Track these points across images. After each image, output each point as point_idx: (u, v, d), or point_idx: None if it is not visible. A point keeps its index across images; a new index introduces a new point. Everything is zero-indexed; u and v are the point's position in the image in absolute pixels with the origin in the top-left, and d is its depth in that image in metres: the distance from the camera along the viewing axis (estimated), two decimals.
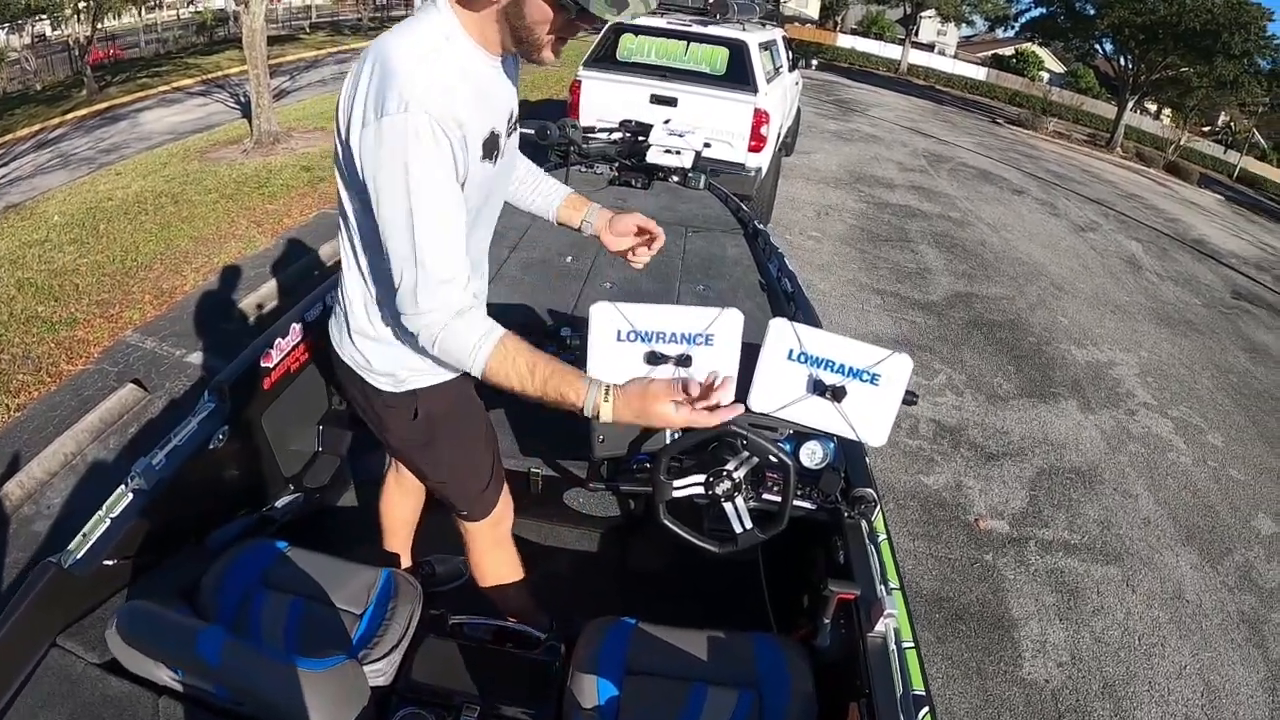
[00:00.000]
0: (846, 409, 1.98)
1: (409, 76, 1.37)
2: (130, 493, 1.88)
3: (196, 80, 15.58)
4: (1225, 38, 23.89)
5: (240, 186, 8.00)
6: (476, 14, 1.46)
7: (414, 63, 1.39)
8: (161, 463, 1.97)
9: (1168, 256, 12.49)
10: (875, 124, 19.45)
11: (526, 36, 1.47)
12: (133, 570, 1.90)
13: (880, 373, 1.95)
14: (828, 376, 1.97)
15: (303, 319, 2.56)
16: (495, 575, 2.09)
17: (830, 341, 1.97)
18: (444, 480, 1.96)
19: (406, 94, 1.35)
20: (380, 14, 32.16)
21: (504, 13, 1.44)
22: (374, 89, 1.39)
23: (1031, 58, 47.63)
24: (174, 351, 4.84)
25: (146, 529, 1.90)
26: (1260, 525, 5.11)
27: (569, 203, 2.16)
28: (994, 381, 6.21)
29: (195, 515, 2.15)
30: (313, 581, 1.89)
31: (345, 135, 1.46)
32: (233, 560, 1.90)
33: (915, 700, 1.64)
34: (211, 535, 2.17)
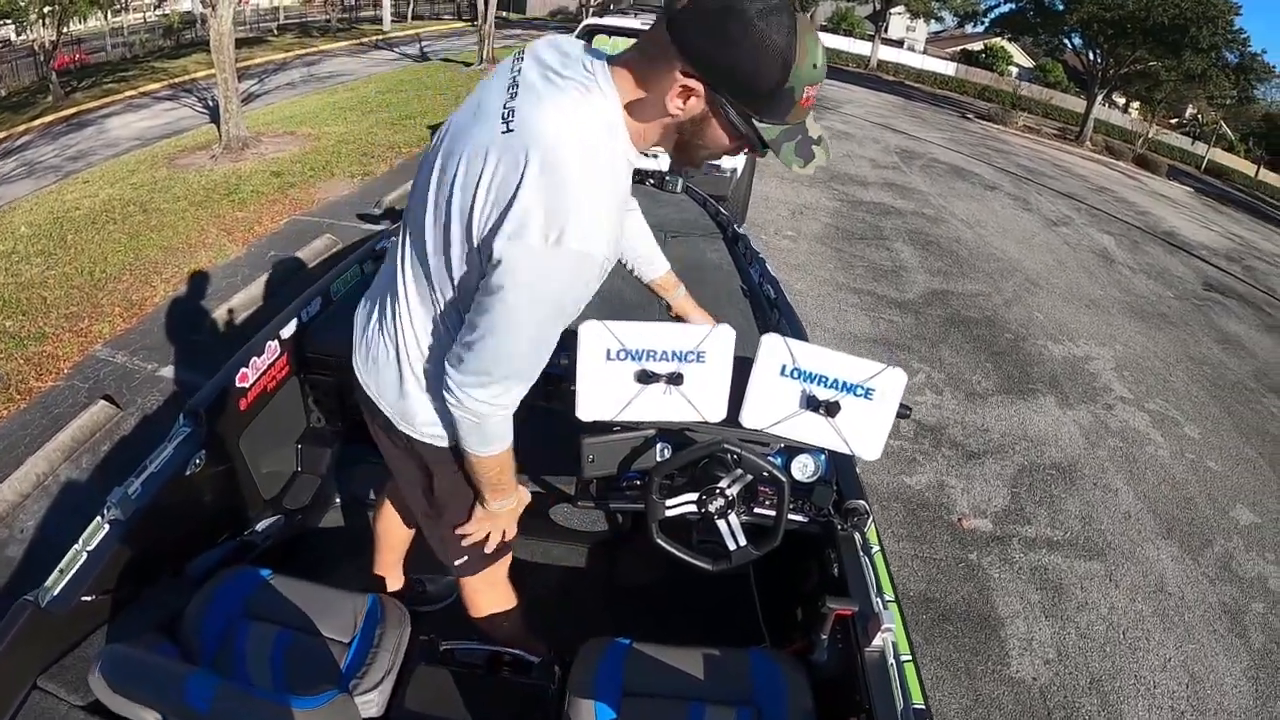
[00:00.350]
0: (840, 424, 1.96)
1: (591, 210, 1.29)
2: (106, 524, 1.84)
3: (164, 84, 15.38)
4: (1193, 32, 24.23)
5: (209, 194, 7.89)
6: (644, 113, 1.37)
7: (598, 189, 1.30)
8: (137, 491, 1.92)
9: (1139, 249, 12.62)
10: (847, 121, 19.51)
11: (691, 153, 1.43)
12: (112, 605, 1.85)
13: (874, 387, 1.94)
14: (821, 392, 1.95)
15: (277, 336, 2.51)
16: (489, 608, 2.04)
17: (823, 356, 1.96)
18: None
19: (590, 232, 1.28)
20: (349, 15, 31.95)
21: (677, 127, 1.38)
22: (546, 205, 1.27)
23: (1000, 53, 48.03)
24: (145, 365, 4.75)
25: (125, 561, 1.85)
26: (1239, 516, 5.15)
27: (663, 280, 2.27)
28: (973, 379, 6.23)
29: (174, 544, 2.10)
30: (297, 610, 1.84)
31: (481, 224, 1.34)
32: (214, 590, 1.85)
33: (916, 714, 1.63)
34: (191, 564, 2.12)
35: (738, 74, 1.25)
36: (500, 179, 1.30)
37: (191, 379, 4.61)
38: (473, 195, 1.34)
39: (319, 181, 8.50)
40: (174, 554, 2.10)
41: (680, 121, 1.35)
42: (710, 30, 1.23)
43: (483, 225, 1.33)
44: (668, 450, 2.10)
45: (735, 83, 1.26)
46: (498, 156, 1.31)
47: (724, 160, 7.32)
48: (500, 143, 1.32)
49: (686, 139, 1.39)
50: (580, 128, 1.31)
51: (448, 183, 1.40)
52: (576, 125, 1.30)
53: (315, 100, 13.36)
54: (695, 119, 1.34)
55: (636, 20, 7.74)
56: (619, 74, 1.36)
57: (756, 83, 1.26)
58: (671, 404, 2.02)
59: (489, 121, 1.36)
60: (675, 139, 1.40)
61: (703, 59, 1.25)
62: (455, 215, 1.38)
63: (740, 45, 1.22)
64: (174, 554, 2.10)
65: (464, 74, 16.90)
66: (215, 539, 2.30)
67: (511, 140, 1.30)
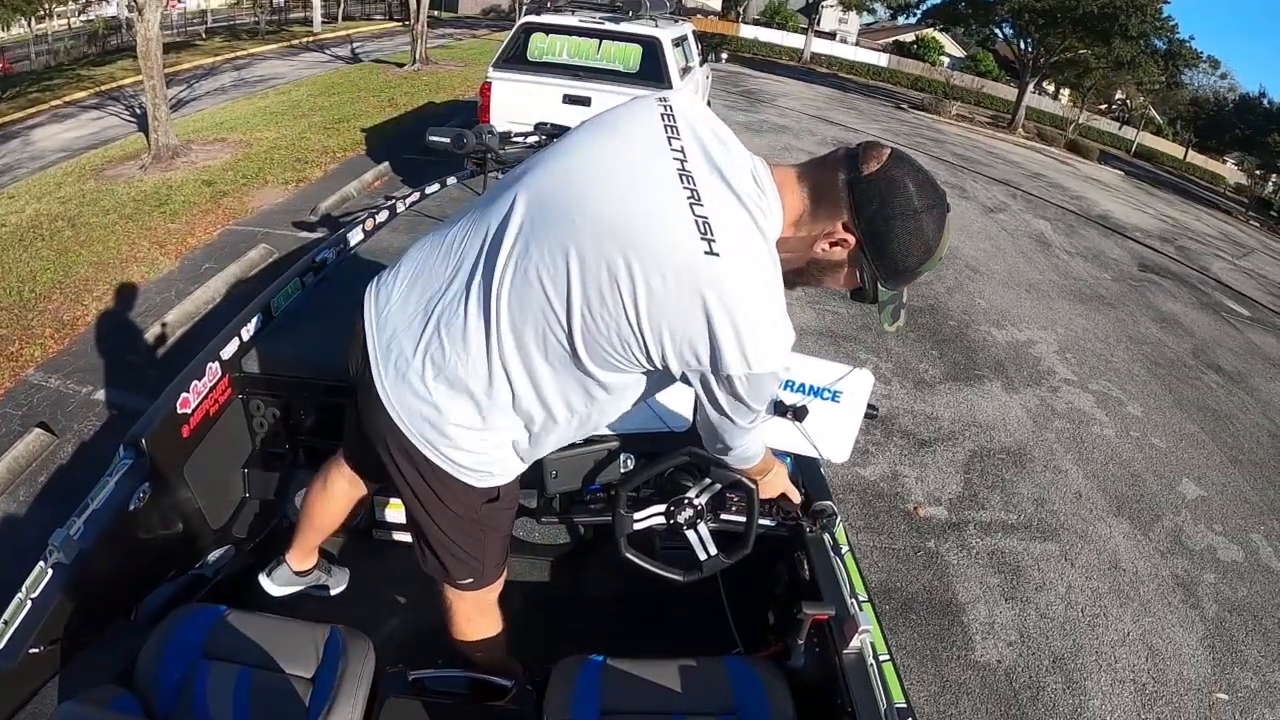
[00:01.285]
0: (808, 428, 1.95)
1: (772, 334, 1.36)
2: (50, 568, 1.74)
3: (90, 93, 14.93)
4: (1122, 20, 24.76)
5: (140, 206, 7.65)
6: (792, 236, 1.43)
7: (773, 310, 1.36)
8: (80, 531, 1.82)
9: (1075, 233, 12.87)
10: (783, 114, 19.62)
11: (807, 280, 1.51)
12: (62, 655, 1.76)
13: (841, 390, 1.93)
14: (788, 396, 1.94)
15: (218, 357, 2.39)
16: (476, 634, 1.97)
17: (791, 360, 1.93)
18: (477, 555, 1.79)
19: (776, 351, 1.37)
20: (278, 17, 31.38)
21: (819, 262, 1.46)
22: (729, 337, 1.32)
23: (932, 43, 48.77)
24: (80, 389, 4.59)
25: (72, 607, 1.76)
26: (1185, 490, 5.27)
27: None
28: (920, 368, 6.29)
29: (123, 584, 2.01)
30: (257, 647, 1.75)
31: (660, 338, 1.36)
32: (168, 633, 1.74)
33: (899, 713, 1.62)
34: (142, 605, 2.02)
35: (890, 248, 1.38)
36: (691, 308, 1.33)
37: (128, 402, 4.46)
38: (646, 308, 1.34)
39: (252, 189, 8.30)
40: (124, 595, 2.01)
41: (818, 259, 1.45)
42: (885, 205, 1.35)
43: (664, 342, 1.37)
44: (631, 462, 2.06)
45: (884, 254, 1.39)
46: (695, 281, 1.32)
47: None
48: (705, 267, 1.31)
49: (813, 271, 1.49)
50: (763, 261, 1.37)
51: (603, 268, 1.35)
52: (761, 259, 1.36)
53: (246, 105, 13.08)
54: (830, 263, 1.45)
55: (575, 18, 7.65)
56: (785, 195, 1.42)
57: (900, 260, 1.40)
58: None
59: (673, 221, 1.34)
60: (802, 268, 1.48)
61: (869, 225, 1.37)
62: (617, 310, 1.36)
63: (904, 228, 1.36)
64: (124, 595, 2.01)
65: (397, 75, 16.65)
66: (165, 575, 2.19)
67: (717, 267, 1.31)
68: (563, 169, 1.43)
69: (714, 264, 1.30)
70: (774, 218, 1.39)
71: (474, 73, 10.29)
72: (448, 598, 1.89)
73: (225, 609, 1.83)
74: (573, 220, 1.37)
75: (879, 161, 1.36)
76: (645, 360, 1.40)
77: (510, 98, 7.40)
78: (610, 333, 1.37)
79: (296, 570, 2.33)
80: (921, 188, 1.37)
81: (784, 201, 1.41)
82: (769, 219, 1.38)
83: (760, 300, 1.34)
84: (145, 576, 2.12)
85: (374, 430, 1.65)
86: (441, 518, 1.69)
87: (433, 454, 1.57)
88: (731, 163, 1.40)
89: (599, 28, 7.53)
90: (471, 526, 1.71)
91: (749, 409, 1.45)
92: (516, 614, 1.97)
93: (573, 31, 7.55)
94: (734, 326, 1.31)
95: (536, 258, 1.39)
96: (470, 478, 1.60)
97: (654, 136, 1.40)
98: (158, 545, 2.19)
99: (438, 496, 1.64)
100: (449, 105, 13.61)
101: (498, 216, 1.47)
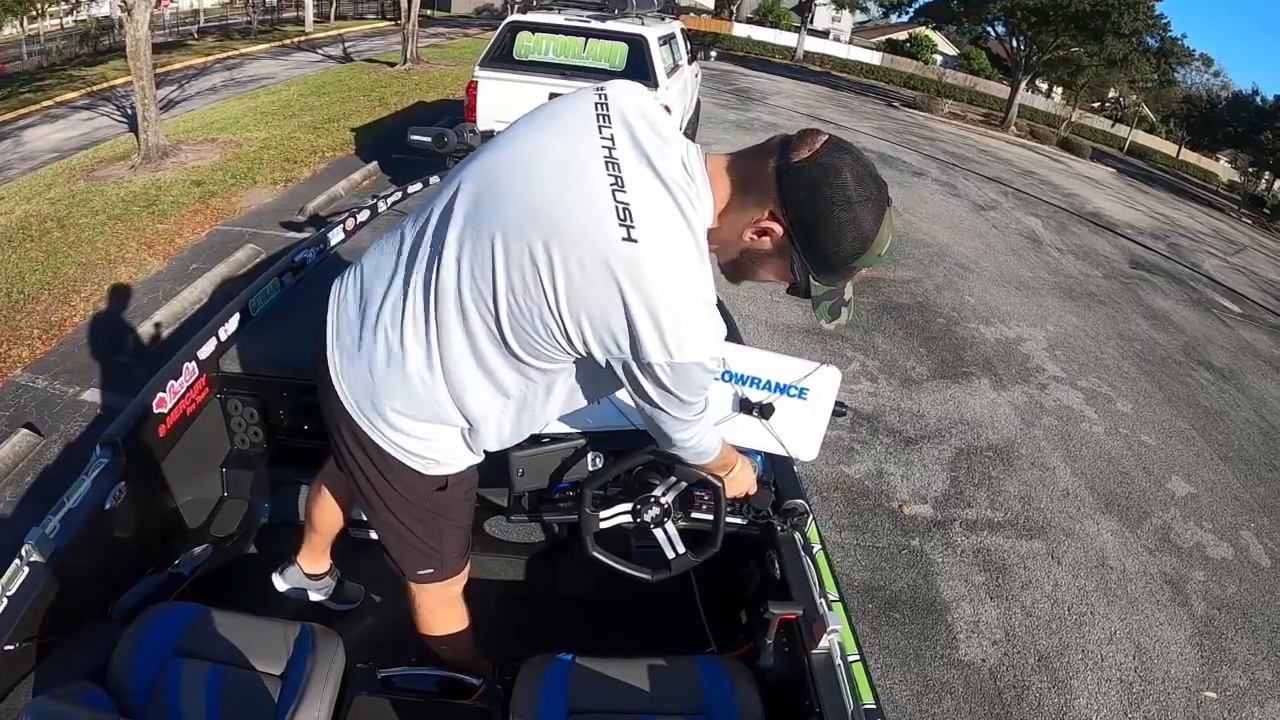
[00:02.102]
0: (775, 425, 1.95)
1: (699, 323, 1.34)
2: (25, 567, 1.75)
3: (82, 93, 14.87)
4: (1115, 18, 24.88)
5: (129, 206, 7.62)
6: (723, 226, 1.42)
7: (697, 298, 1.33)
8: (56, 530, 1.82)
9: (1066, 230, 12.89)
10: (775, 112, 19.61)
11: (740, 272, 1.50)
12: (37, 652, 1.76)
13: (808, 387, 1.92)
14: (755, 394, 1.93)
15: (195, 357, 2.40)
16: (442, 628, 1.96)
17: (756, 358, 1.94)
18: (435, 546, 1.80)
19: (702, 341, 1.34)
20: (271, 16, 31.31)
21: (750, 252, 1.43)
22: (648, 324, 1.30)
23: (925, 41, 48.83)
24: (67, 390, 4.57)
25: (48, 604, 1.76)
26: (1174, 487, 5.27)
27: None
28: (907, 365, 6.29)
29: (99, 582, 2.01)
30: (229, 644, 1.75)
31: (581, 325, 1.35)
32: (143, 630, 1.75)
33: (867, 714, 1.62)
34: (118, 602, 2.03)
35: (820, 239, 1.34)
36: (608, 295, 1.31)
37: (115, 402, 4.44)
38: (565, 294, 1.33)
39: (241, 189, 8.27)
40: (99, 593, 2.01)
41: (752, 249, 1.42)
42: (815, 194, 1.31)
43: (584, 329, 1.35)
44: (599, 460, 2.06)
45: (813, 244, 1.35)
46: (610, 268, 1.30)
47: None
48: (622, 254, 1.30)
49: (744, 262, 1.46)
50: (687, 248, 1.34)
51: (525, 254, 1.35)
52: (685, 246, 1.34)
53: (237, 105, 13.04)
54: (759, 253, 1.42)
55: (561, 17, 7.65)
56: (715, 184, 1.40)
57: (833, 251, 1.35)
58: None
59: (593, 207, 1.33)
60: (734, 258, 1.47)
61: (796, 214, 1.33)
62: (539, 295, 1.35)
63: (835, 219, 1.32)
64: (99, 593, 2.01)
65: (388, 74, 16.62)
66: (141, 574, 2.19)
67: (635, 253, 1.30)
68: (498, 160, 1.44)
69: (631, 250, 1.29)
70: (703, 206, 1.38)
71: (465, 72, 10.27)
72: (411, 591, 1.90)
73: (199, 607, 1.83)
74: (501, 209, 1.38)
75: (811, 149, 1.33)
76: (569, 346, 1.39)
77: (496, 97, 7.38)
78: (534, 318, 1.36)
79: (308, 572, 2.38)
80: (859, 178, 1.33)
81: (714, 190, 1.40)
82: (697, 207, 1.36)
83: (681, 288, 1.31)
84: (121, 575, 2.12)
85: (329, 416, 1.68)
86: (394, 504, 1.70)
87: (379, 438, 1.59)
88: (662, 150, 1.38)
89: (585, 26, 7.53)
90: (424, 514, 1.72)
91: (679, 400, 1.43)
92: (490, 612, 1.97)
93: (559, 30, 7.54)
94: (651, 313, 1.29)
95: (470, 246, 1.40)
96: (417, 464, 1.62)
97: (585, 125, 1.40)
98: (134, 544, 2.20)
99: (388, 482, 1.66)
100: (440, 104, 13.58)
101: (441, 206, 1.49)
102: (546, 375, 1.50)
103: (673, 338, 1.30)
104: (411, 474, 1.63)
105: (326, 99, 13.52)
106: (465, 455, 1.65)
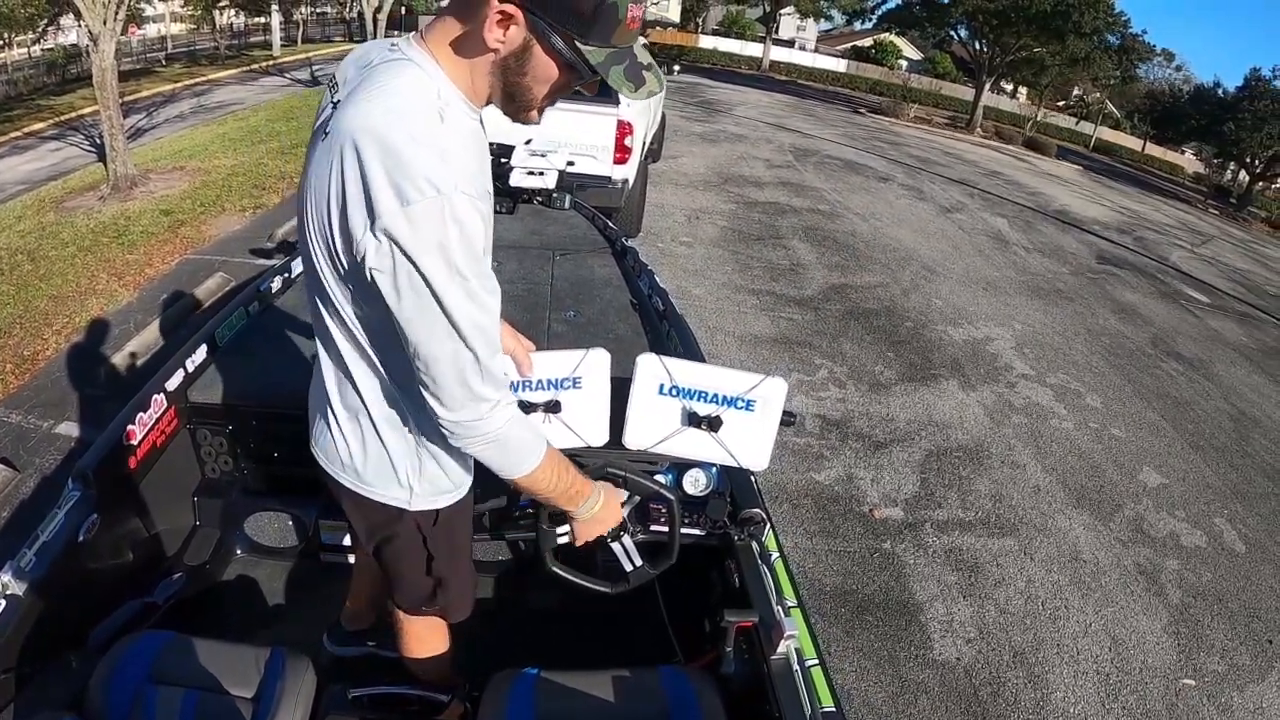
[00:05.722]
0: (724, 437, 1.98)
1: (427, 157, 1.19)
2: (1, 599, 1.76)
3: (50, 123, 14.81)
4: (1075, 17, 25.30)
5: (98, 237, 7.60)
6: (466, 62, 1.29)
7: (425, 141, 1.20)
8: (31, 562, 1.84)
9: (1033, 229, 13.04)
10: (740, 123, 19.75)
11: (522, 94, 1.33)
12: (16, 683, 1.78)
13: (755, 398, 1.96)
14: (702, 407, 1.97)
15: (163, 389, 2.43)
16: (425, 651, 1.99)
17: (701, 372, 1.98)
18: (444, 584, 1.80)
19: (434, 176, 1.18)
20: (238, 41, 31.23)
21: (502, 65, 1.28)
22: (380, 179, 1.18)
23: (890, 47, 49.27)
24: (41, 423, 4.55)
25: (24, 636, 1.78)
26: (1146, 479, 5.36)
27: None
28: (875, 370, 6.34)
29: (74, 613, 2.03)
30: (203, 670, 1.78)
31: (342, 238, 1.26)
32: (118, 659, 1.77)
33: (826, 717, 1.65)
34: (93, 632, 2.04)
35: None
36: (334, 189, 1.24)
37: (90, 434, 4.42)
38: (328, 222, 1.27)
39: (210, 217, 8.26)
40: (75, 623, 2.03)
41: (504, 58, 1.27)
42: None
43: (342, 241, 1.27)
44: None
45: (555, 3, 1.20)
46: (324, 167, 1.25)
47: (614, 171, 7.32)
48: (320, 155, 1.28)
49: (513, 78, 1.30)
50: (402, 103, 1.23)
51: (306, 220, 1.34)
52: (399, 104, 1.23)
53: (204, 132, 13.01)
54: (517, 52, 1.26)
55: None
56: (431, 35, 1.30)
57: (577, 2, 1.20)
58: (552, 432, 2.02)
59: (315, 142, 1.33)
60: (503, 83, 1.32)
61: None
62: (329, 251, 1.31)
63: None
64: (75, 623, 2.03)
65: None
66: (116, 603, 2.22)
67: (327, 145, 1.26)
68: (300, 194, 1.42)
69: (328, 144, 1.25)
70: (415, 57, 1.28)
71: None
72: (401, 619, 1.93)
73: (173, 635, 1.86)
74: (302, 233, 1.39)
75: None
76: (351, 271, 1.29)
77: None
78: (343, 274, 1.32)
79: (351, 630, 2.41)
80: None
81: (427, 38, 1.30)
82: (402, 64, 1.27)
83: (394, 122, 1.21)
84: (97, 605, 2.14)
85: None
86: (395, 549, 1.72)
87: (363, 489, 1.61)
88: (367, 56, 1.36)
89: None
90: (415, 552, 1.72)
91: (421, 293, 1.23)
92: (462, 630, 2.00)
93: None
94: (355, 155, 1.20)
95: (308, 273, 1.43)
96: (399, 497, 1.61)
97: (324, 100, 1.40)
98: (108, 574, 2.23)
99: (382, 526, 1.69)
100: None
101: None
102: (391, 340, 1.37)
103: (400, 174, 1.18)
104: (396, 511, 1.63)
105: (295, 124, 13.50)
106: (441, 478, 1.63)
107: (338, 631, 2.40)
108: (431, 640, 1.98)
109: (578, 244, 4.23)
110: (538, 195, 4.63)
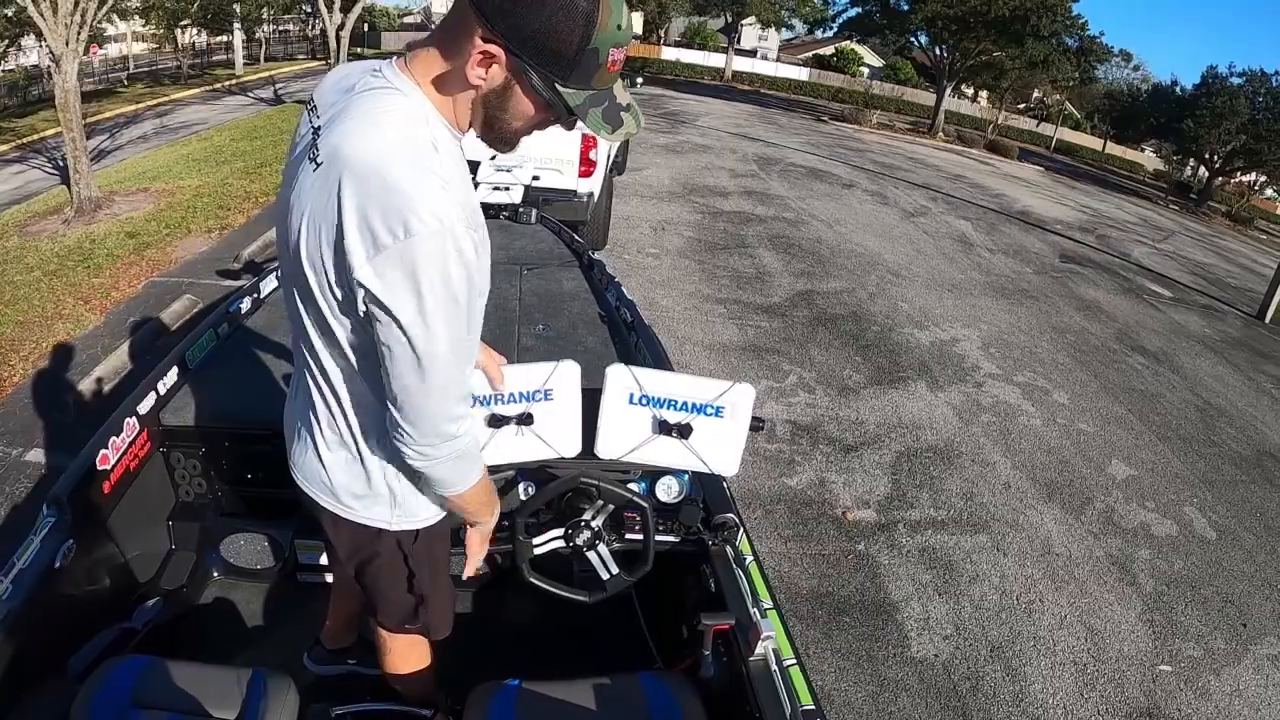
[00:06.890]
0: (695, 444, 2.01)
1: (429, 189, 1.21)
2: None
3: (11, 146, 14.68)
4: (1034, 21, 25.72)
5: (64, 261, 7.52)
6: (448, 94, 1.31)
7: (426, 172, 1.22)
8: (8, 590, 1.83)
9: (996, 231, 13.19)
10: (704, 133, 19.83)
11: (501, 127, 1.35)
12: None
13: (724, 405, 1.99)
14: (671, 415, 2.00)
15: (135, 412, 2.42)
16: (407, 667, 1.99)
17: (670, 381, 2.00)
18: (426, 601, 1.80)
19: (437, 208, 1.20)
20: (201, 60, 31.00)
21: (483, 100, 1.31)
22: (382, 210, 1.19)
23: (851, 55, 49.74)
24: (9, 451, 4.49)
25: (4, 664, 1.77)
26: (1114, 471, 5.44)
27: None
28: (843, 374, 6.38)
29: (53, 640, 2.01)
30: (184, 694, 1.77)
31: (340, 267, 1.26)
32: (98, 685, 1.76)
33: (806, 716, 1.66)
34: (72, 659, 2.03)
35: (539, 36, 1.20)
36: (329, 217, 1.25)
37: (60, 461, 4.37)
38: (326, 249, 1.28)
39: (176, 239, 8.20)
40: (54, 650, 2.01)
41: (485, 94, 1.30)
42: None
43: (340, 271, 1.27)
44: (531, 489, 2.11)
45: (536, 46, 1.21)
46: (322, 195, 1.26)
47: (579, 185, 7.35)
48: (315, 182, 1.28)
49: (492, 112, 1.33)
50: (395, 132, 1.25)
51: (295, 243, 1.34)
52: (392, 133, 1.25)
53: (168, 153, 12.93)
54: (498, 90, 1.29)
55: None
56: (415, 63, 1.31)
57: (559, 45, 1.21)
58: (525, 444, 2.04)
59: (301, 167, 1.34)
60: (482, 115, 1.34)
61: (501, 21, 1.19)
62: (324, 278, 1.32)
63: (542, 5, 1.18)
64: (54, 650, 2.01)
65: None
66: (95, 629, 2.20)
67: (322, 173, 1.27)
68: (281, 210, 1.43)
69: (322, 172, 1.26)
70: (398, 84, 1.30)
71: None
72: (383, 637, 1.93)
73: (153, 659, 1.85)
74: (282, 257, 1.43)
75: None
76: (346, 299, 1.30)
77: None
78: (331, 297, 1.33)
79: (331, 649, 2.40)
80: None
81: (411, 66, 1.31)
82: (388, 92, 1.29)
83: (395, 153, 1.23)
84: (75, 631, 2.13)
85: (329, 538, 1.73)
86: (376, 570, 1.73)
87: (342, 510, 1.62)
88: (347, 81, 1.37)
89: None
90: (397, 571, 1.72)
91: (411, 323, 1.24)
92: (442, 645, 2.01)
93: None
94: (357, 186, 1.22)
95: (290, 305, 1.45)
96: (382, 515, 1.62)
97: (304, 122, 1.42)
98: (86, 600, 2.21)
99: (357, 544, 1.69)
100: None
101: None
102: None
103: (385, 222, 1.20)
104: (376, 533, 1.64)
105: (259, 143, 13.43)
106: (425, 498, 1.63)
107: (318, 651, 2.39)
108: (413, 657, 1.98)
109: (545, 258, 4.25)
110: (504, 210, 4.65)
